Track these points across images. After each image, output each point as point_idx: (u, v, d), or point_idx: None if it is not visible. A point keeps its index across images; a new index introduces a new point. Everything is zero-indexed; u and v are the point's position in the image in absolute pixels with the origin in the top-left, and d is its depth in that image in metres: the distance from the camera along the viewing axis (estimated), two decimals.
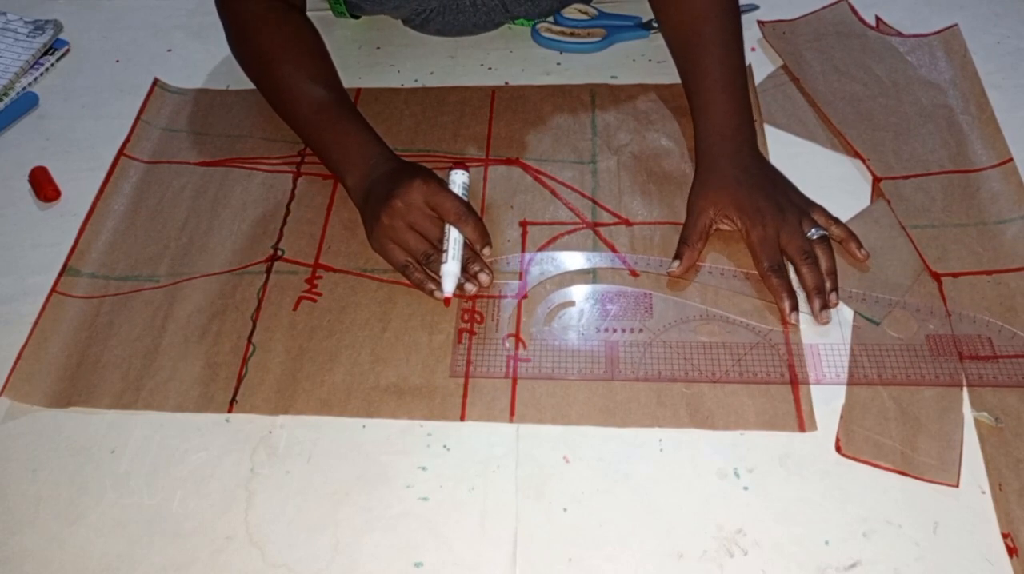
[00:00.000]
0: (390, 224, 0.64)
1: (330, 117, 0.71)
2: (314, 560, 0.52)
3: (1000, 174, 0.70)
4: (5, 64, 0.85)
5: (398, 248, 0.64)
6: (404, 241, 0.64)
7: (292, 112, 0.73)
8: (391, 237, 0.64)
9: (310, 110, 0.71)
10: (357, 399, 0.59)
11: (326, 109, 0.71)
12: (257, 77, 0.76)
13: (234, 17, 0.76)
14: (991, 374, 0.58)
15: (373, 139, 0.70)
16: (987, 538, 0.51)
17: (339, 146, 0.70)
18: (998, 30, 0.85)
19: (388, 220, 0.64)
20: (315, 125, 0.71)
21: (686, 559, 0.51)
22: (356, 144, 0.69)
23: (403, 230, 0.64)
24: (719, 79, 0.70)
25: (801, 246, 0.63)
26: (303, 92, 0.72)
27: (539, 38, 0.86)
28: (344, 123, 0.71)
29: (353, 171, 0.68)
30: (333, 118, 0.71)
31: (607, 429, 0.57)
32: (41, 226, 0.72)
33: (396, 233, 0.64)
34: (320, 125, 0.71)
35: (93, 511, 0.54)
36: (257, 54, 0.74)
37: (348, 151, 0.69)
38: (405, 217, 0.64)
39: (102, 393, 0.60)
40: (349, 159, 0.69)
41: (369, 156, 0.68)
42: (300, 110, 0.72)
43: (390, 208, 0.64)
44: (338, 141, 0.70)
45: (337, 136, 0.70)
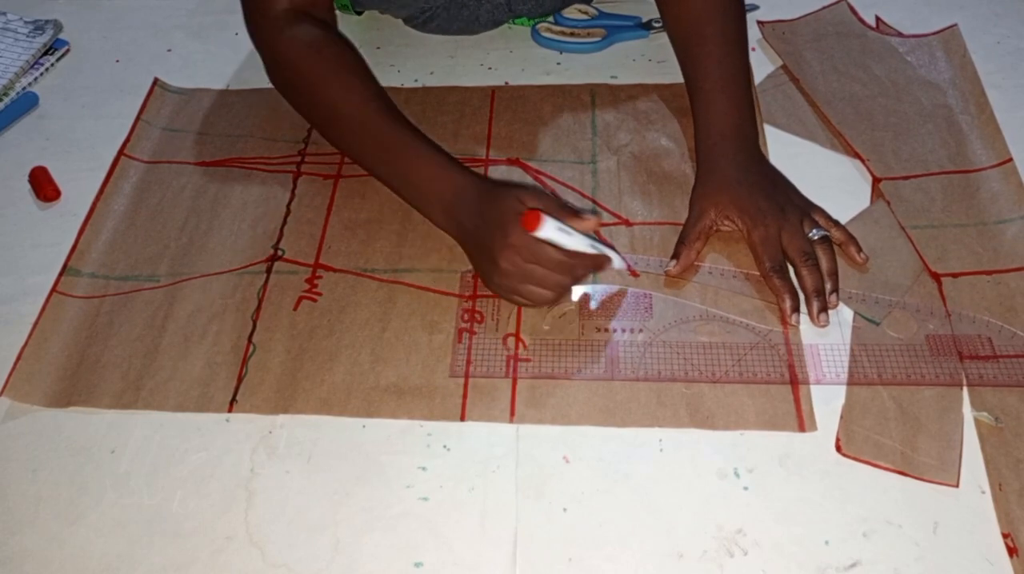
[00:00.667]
0: (505, 284, 0.60)
1: (395, 148, 0.66)
2: (314, 560, 0.52)
3: (1000, 174, 0.70)
4: (5, 64, 0.85)
5: (522, 298, 0.60)
6: (530, 298, 0.60)
7: (354, 147, 0.69)
8: (512, 291, 0.60)
9: (373, 144, 0.67)
10: (357, 399, 0.59)
11: (388, 140, 0.67)
12: (308, 109, 0.72)
13: (272, 48, 0.72)
14: (991, 374, 0.58)
15: (446, 162, 0.65)
16: (987, 538, 0.51)
17: (414, 180, 0.65)
18: (998, 30, 0.85)
19: (500, 280, 0.60)
20: (382, 160, 0.67)
21: (686, 559, 0.51)
22: (430, 177, 0.64)
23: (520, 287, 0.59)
24: (721, 79, 0.70)
25: (802, 247, 0.63)
26: (364, 118, 0.67)
27: (539, 38, 0.86)
28: (411, 151, 0.66)
29: (437, 205, 0.64)
30: (398, 148, 0.66)
31: (607, 429, 0.57)
32: (41, 226, 0.72)
33: (516, 289, 0.60)
34: (386, 159, 0.67)
35: (93, 511, 0.54)
36: (305, 86, 0.70)
37: (424, 184, 0.65)
38: (517, 277, 0.59)
39: (102, 393, 0.60)
40: (430, 193, 0.64)
41: (448, 186, 0.63)
42: (362, 145, 0.68)
43: (500, 270, 0.59)
44: (412, 174, 0.65)
45: (408, 168, 0.65)
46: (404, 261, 0.67)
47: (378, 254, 0.68)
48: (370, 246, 0.68)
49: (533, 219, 0.56)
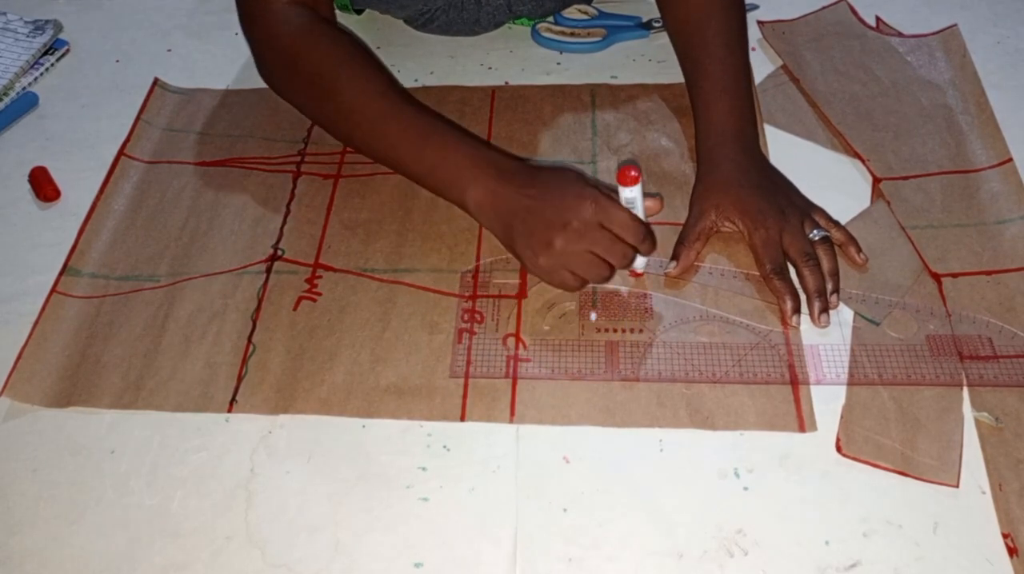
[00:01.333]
0: (566, 250, 0.57)
1: (422, 131, 0.63)
2: (314, 560, 0.52)
3: (1000, 174, 0.70)
4: (5, 64, 0.85)
5: (572, 275, 0.59)
6: (584, 269, 0.59)
7: (371, 136, 0.66)
8: (566, 264, 0.58)
9: (396, 130, 0.64)
10: (357, 399, 0.59)
11: (414, 124, 0.64)
12: (316, 104, 0.69)
13: (272, 41, 0.68)
14: (991, 374, 0.58)
15: (481, 144, 0.63)
16: (987, 538, 0.51)
17: (446, 161, 0.62)
18: (998, 30, 0.85)
19: (564, 245, 0.57)
20: (408, 144, 0.64)
21: (686, 559, 0.51)
22: (466, 155, 0.62)
23: (580, 255, 0.58)
24: (721, 79, 0.70)
25: (803, 247, 0.63)
26: (383, 108, 0.64)
27: (539, 38, 0.86)
28: (440, 134, 0.63)
29: (475, 185, 0.61)
30: (425, 131, 0.63)
31: (607, 429, 0.57)
32: (41, 226, 0.72)
33: (573, 259, 0.58)
34: (414, 143, 0.64)
35: (93, 511, 0.54)
36: (311, 79, 0.67)
37: (460, 164, 0.62)
38: (583, 241, 0.57)
39: (102, 393, 0.60)
40: (465, 173, 0.61)
41: (488, 164, 0.61)
42: (383, 133, 0.65)
43: (566, 232, 0.57)
44: (443, 156, 0.62)
45: (439, 151, 0.63)
46: (404, 261, 0.67)
47: (378, 254, 0.68)
48: (370, 246, 0.68)
49: (629, 173, 0.56)
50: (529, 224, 0.59)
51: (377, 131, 0.65)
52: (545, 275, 0.60)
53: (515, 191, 0.60)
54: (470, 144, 0.63)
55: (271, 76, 0.72)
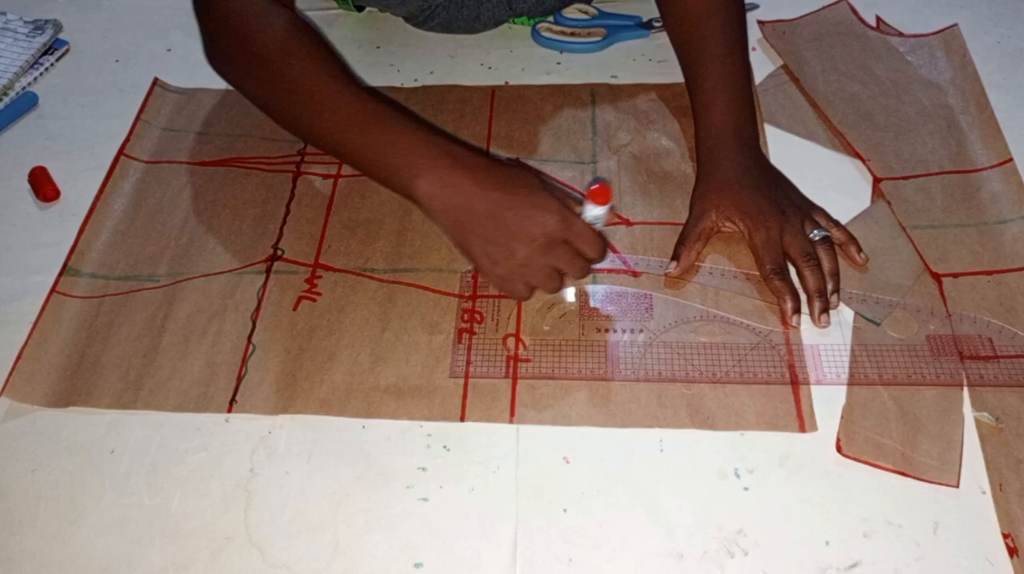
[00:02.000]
0: (528, 263, 0.56)
1: (373, 114, 0.60)
2: (314, 560, 0.52)
3: (1000, 174, 0.70)
4: (5, 64, 0.85)
5: (526, 286, 0.58)
6: (541, 281, 0.57)
7: (318, 119, 0.62)
8: (524, 276, 0.57)
9: (346, 112, 0.61)
10: (357, 399, 0.59)
11: (365, 107, 0.60)
12: (263, 84, 0.66)
13: (224, 19, 0.66)
14: (991, 374, 0.58)
15: (436, 131, 0.59)
16: (987, 538, 0.51)
17: (396, 146, 0.58)
18: (998, 30, 0.85)
19: (527, 258, 0.55)
20: (356, 127, 0.60)
21: (686, 559, 0.51)
22: (420, 140, 0.58)
23: (541, 269, 0.56)
24: (721, 79, 0.70)
25: (803, 247, 0.63)
26: (333, 91, 0.61)
27: (539, 38, 0.86)
28: (393, 119, 0.59)
29: (427, 173, 0.57)
30: (377, 115, 0.60)
31: (607, 429, 0.57)
32: (41, 226, 0.72)
33: (532, 272, 0.56)
34: (363, 126, 0.60)
35: (93, 511, 0.54)
36: (261, 59, 0.64)
37: (412, 150, 0.58)
38: (546, 255, 0.56)
39: (102, 393, 0.60)
40: (417, 160, 0.57)
41: (443, 152, 0.57)
42: (332, 115, 0.61)
43: (532, 246, 0.55)
44: (393, 140, 0.58)
45: (389, 135, 0.59)
46: (404, 261, 0.67)
47: (378, 254, 0.68)
48: (370, 246, 0.68)
49: (605, 192, 0.55)
50: (490, 229, 0.56)
51: (326, 113, 0.62)
52: (499, 283, 0.58)
53: (473, 186, 0.56)
54: (425, 131, 0.59)
55: (219, 55, 0.69)
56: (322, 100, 0.62)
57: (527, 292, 0.59)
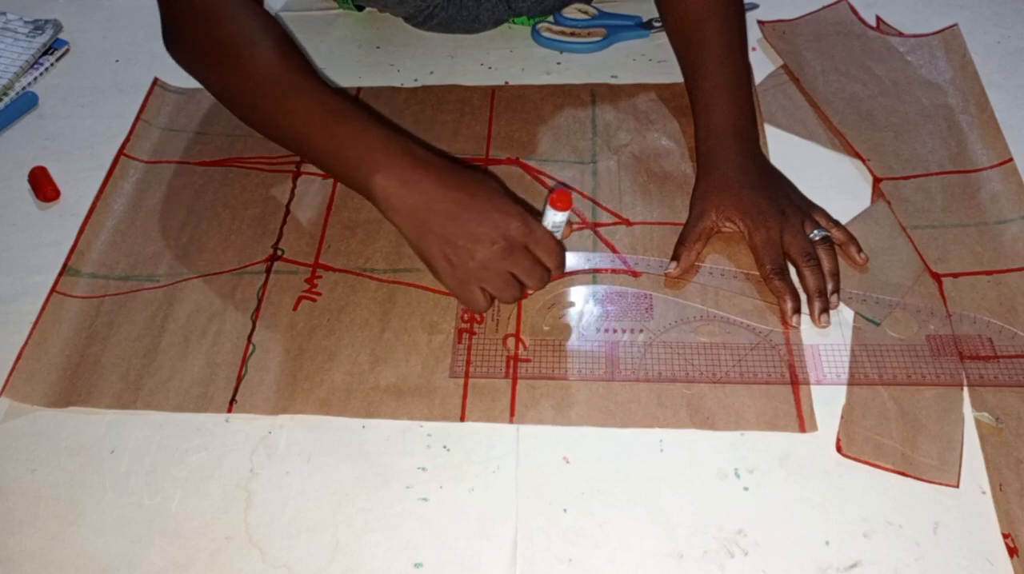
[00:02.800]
0: (486, 267, 0.55)
1: (333, 109, 0.59)
2: (314, 560, 0.52)
3: (1000, 174, 0.70)
4: (5, 64, 0.85)
5: (483, 293, 0.57)
6: (499, 288, 0.56)
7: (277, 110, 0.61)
8: (482, 281, 0.56)
9: (306, 104, 0.60)
10: (357, 399, 0.59)
11: (326, 101, 0.60)
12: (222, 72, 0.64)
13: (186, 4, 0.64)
14: (991, 374, 0.58)
15: (398, 130, 0.59)
16: (987, 538, 0.51)
17: (356, 141, 0.57)
18: (998, 30, 0.85)
19: (484, 262, 0.55)
20: (316, 120, 0.60)
21: (686, 559, 0.51)
22: (380, 137, 0.57)
23: (499, 275, 0.56)
24: (721, 79, 0.70)
25: (803, 247, 0.63)
26: (294, 82, 0.60)
27: (539, 38, 0.86)
28: (354, 115, 0.59)
29: (385, 169, 0.56)
30: (338, 109, 0.59)
31: (607, 429, 0.57)
32: (41, 226, 0.72)
33: (490, 276, 0.55)
34: (323, 119, 0.59)
35: (93, 511, 0.54)
36: (222, 45, 0.63)
37: (371, 145, 0.57)
38: (505, 260, 0.55)
39: (102, 393, 0.60)
40: (376, 155, 0.56)
41: (402, 150, 0.57)
42: (291, 106, 0.60)
43: (491, 249, 0.54)
44: (353, 135, 0.58)
45: (350, 129, 0.58)
46: (404, 261, 0.67)
47: (378, 254, 0.68)
48: (370, 246, 0.68)
49: (566, 197, 0.55)
50: (449, 229, 0.55)
51: (286, 103, 0.60)
52: (456, 287, 0.57)
53: (433, 186, 0.55)
54: (386, 129, 0.58)
55: (179, 43, 0.67)
56: (283, 91, 0.61)
57: (485, 301, 0.57)
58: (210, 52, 0.64)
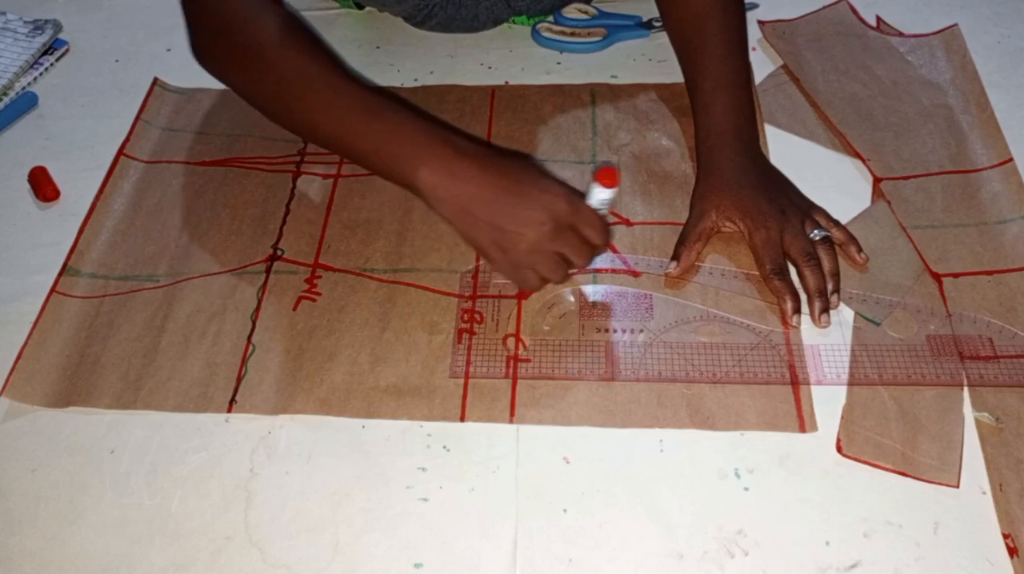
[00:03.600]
0: (535, 249, 0.55)
1: (371, 105, 0.59)
2: (314, 560, 0.52)
3: (1000, 174, 0.70)
4: (5, 64, 0.85)
5: (535, 274, 0.57)
6: (549, 269, 0.57)
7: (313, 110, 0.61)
8: (532, 264, 0.56)
9: (344, 102, 0.60)
10: (357, 399, 0.59)
11: (363, 97, 0.60)
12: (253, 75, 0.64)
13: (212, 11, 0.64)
14: (992, 374, 0.58)
15: (437, 121, 0.59)
16: (987, 538, 0.51)
17: (397, 136, 0.57)
18: (998, 30, 0.85)
19: (534, 244, 0.55)
20: (354, 118, 0.59)
21: (686, 559, 0.51)
22: (421, 130, 0.57)
23: (549, 256, 0.56)
24: (721, 79, 0.70)
25: (804, 247, 0.62)
26: (330, 83, 0.60)
27: (539, 38, 0.86)
28: (393, 109, 0.59)
29: (429, 163, 0.56)
30: (376, 105, 0.59)
31: (607, 429, 0.57)
32: (41, 226, 0.72)
33: (540, 258, 0.56)
34: (361, 116, 0.59)
35: (93, 511, 0.54)
36: (252, 48, 0.63)
37: (413, 140, 0.57)
38: (554, 241, 0.55)
39: (101, 393, 0.60)
40: (419, 150, 0.56)
41: (444, 142, 0.57)
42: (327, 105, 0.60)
43: (538, 232, 0.54)
44: (394, 130, 0.57)
45: (389, 125, 0.58)
46: (404, 261, 0.67)
47: (378, 254, 0.68)
48: (370, 246, 0.68)
49: (612, 174, 0.55)
50: (496, 216, 0.55)
51: (321, 103, 0.60)
52: (509, 272, 0.58)
53: (477, 174, 0.55)
54: (426, 121, 0.58)
55: (207, 49, 0.67)
56: (319, 91, 0.60)
57: (538, 281, 0.58)
58: (238, 57, 0.64)
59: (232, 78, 0.67)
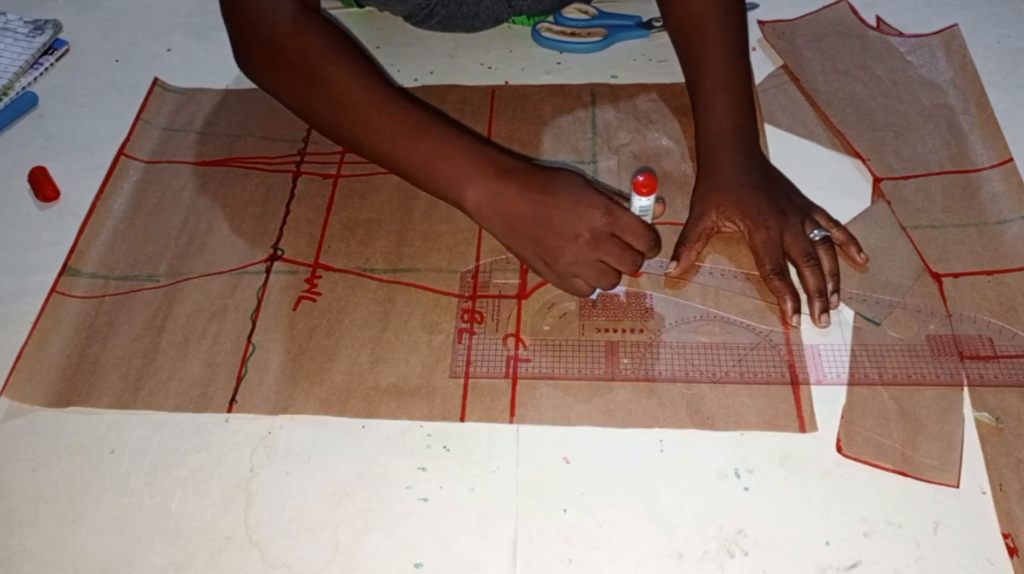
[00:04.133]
0: (577, 260, 0.57)
1: (418, 124, 0.61)
2: (314, 560, 0.52)
3: (1000, 174, 0.70)
4: (5, 64, 0.85)
5: (583, 282, 0.59)
6: (595, 277, 0.58)
7: (361, 127, 0.62)
8: (577, 273, 0.58)
9: (390, 120, 0.61)
10: (357, 399, 0.59)
11: (410, 116, 0.61)
12: (301, 91, 0.65)
13: (256, 24, 0.65)
14: (992, 374, 0.58)
15: (481, 140, 0.61)
16: (987, 538, 0.51)
17: (444, 157, 0.59)
18: (998, 30, 0.85)
19: (576, 255, 0.57)
20: (402, 136, 0.61)
21: (686, 559, 0.51)
22: (466, 151, 0.59)
23: (592, 265, 0.58)
24: (721, 79, 0.70)
25: (804, 248, 0.63)
26: (376, 99, 0.61)
27: (539, 38, 0.86)
28: (439, 128, 0.60)
29: (475, 183, 0.58)
30: (422, 124, 0.61)
31: (607, 429, 0.57)
32: (41, 226, 0.72)
33: (583, 269, 0.58)
34: (409, 135, 0.61)
35: (93, 511, 0.54)
36: (298, 64, 0.63)
37: (459, 161, 0.59)
38: (595, 251, 0.57)
39: (101, 393, 0.60)
40: (464, 170, 0.59)
41: (488, 162, 0.59)
42: (375, 123, 0.61)
43: (578, 243, 0.56)
44: (440, 151, 0.60)
45: (436, 145, 0.60)
46: (404, 261, 0.67)
47: (378, 254, 0.68)
48: (370, 246, 0.68)
49: (650, 182, 0.56)
50: (537, 231, 0.57)
51: (369, 121, 0.62)
52: (556, 282, 0.60)
53: (518, 192, 0.58)
54: (469, 140, 0.60)
55: (252, 62, 0.68)
56: (365, 107, 0.62)
57: (588, 288, 0.60)
58: (284, 71, 0.65)
59: (279, 93, 0.68)
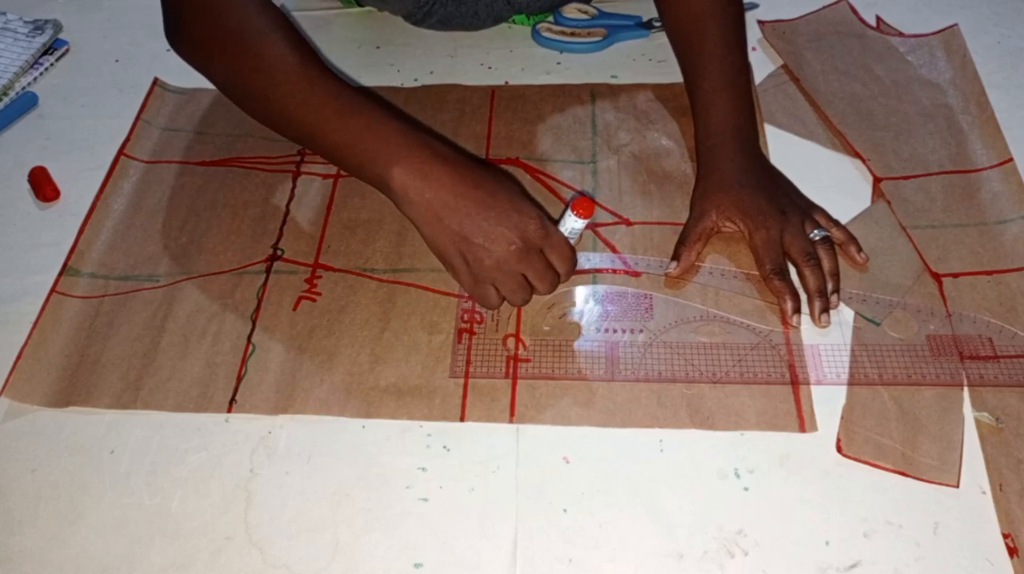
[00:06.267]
0: (500, 268, 0.55)
1: (350, 101, 0.58)
2: (314, 560, 0.52)
3: (1000, 174, 0.70)
4: (5, 64, 0.85)
5: (496, 293, 0.57)
6: (510, 290, 0.56)
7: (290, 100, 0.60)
8: (494, 281, 0.56)
9: (321, 95, 0.58)
10: (357, 399, 0.59)
11: (342, 93, 0.59)
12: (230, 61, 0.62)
13: None
14: (992, 374, 0.58)
15: (415, 122, 0.58)
16: (987, 538, 0.51)
17: (373, 132, 0.56)
18: (998, 30, 0.85)
19: (500, 263, 0.55)
20: (331, 112, 0.58)
21: (686, 560, 0.51)
22: (398, 129, 0.56)
23: (512, 276, 0.55)
24: (720, 79, 0.70)
25: (804, 247, 0.63)
26: (306, 75, 0.59)
27: (539, 38, 0.86)
28: (371, 106, 0.58)
29: (404, 162, 0.55)
30: (354, 102, 0.58)
31: (607, 429, 0.57)
32: (41, 226, 0.72)
33: (503, 277, 0.55)
34: (339, 111, 0.58)
35: (93, 511, 0.54)
36: (231, 34, 0.61)
37: (389, 138, 0.56)
38: (520, 262, 0.55)
39: (101, 393, 0.60)
40: (393, 148, 0.55)
41: (421, 143, 0.56)
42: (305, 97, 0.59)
43: (507, 251, 0.54)
44: (370, 127, 0.57)
45: (366, 120, 0.57)
46: (404, 261, 0.67)
47: (378, 254, 0.68)
48: (370, 246, 0.68)
49: (589, 205, 0.56)
50: (467, 226, 0.54)
51: (299, 96, 0.59)
52: (468, 284, 0.57)
53: (452, 180, 0.55)
54: (403, 120, 0.57)
55: (182, 31, 0.65)
56: (296, 83, 0.59)
57: (497, 300, 0.58)
58: (217, 43, 0.63)
59: (208, 65, 0.65)
